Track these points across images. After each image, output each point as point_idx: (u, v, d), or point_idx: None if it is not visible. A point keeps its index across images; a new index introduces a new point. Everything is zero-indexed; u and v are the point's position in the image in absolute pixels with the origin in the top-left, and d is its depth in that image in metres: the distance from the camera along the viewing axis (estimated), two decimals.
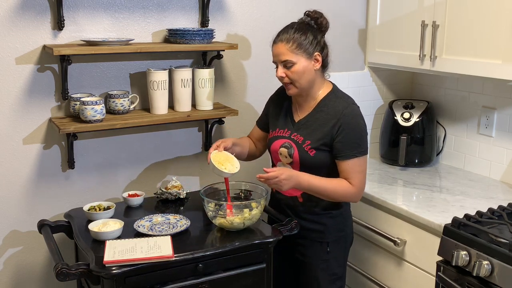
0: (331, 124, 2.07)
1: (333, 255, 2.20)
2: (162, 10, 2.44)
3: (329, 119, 2.08)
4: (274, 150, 2.20)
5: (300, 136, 2.13)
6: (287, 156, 2.15)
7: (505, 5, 2.19)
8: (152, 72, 2.35)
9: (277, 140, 2.19)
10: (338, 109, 2.09)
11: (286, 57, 2.05)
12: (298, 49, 2.05)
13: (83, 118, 2.19)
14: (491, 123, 2.67)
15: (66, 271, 1.77)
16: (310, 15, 2.13)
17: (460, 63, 2.39)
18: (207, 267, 1.93)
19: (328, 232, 2.18)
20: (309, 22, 2.12)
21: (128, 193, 2.35)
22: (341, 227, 2.21)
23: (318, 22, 2.12)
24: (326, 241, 2.18)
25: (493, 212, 2.17)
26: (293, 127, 2.17)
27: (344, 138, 2.05)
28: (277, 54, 2.08)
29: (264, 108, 2.36)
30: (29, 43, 2.21)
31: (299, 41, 2.05)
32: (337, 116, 2.07)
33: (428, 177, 2.74)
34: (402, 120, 2.86)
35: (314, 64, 2.08)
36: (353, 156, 2.06)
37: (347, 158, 2.06)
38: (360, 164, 2.08)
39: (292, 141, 2.14)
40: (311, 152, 2.09)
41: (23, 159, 2.30)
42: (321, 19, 2.13)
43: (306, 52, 2.05)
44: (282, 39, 2.07)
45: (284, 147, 2.16)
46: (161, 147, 2.58)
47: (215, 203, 2.10)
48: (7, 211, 2.31)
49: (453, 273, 2.02)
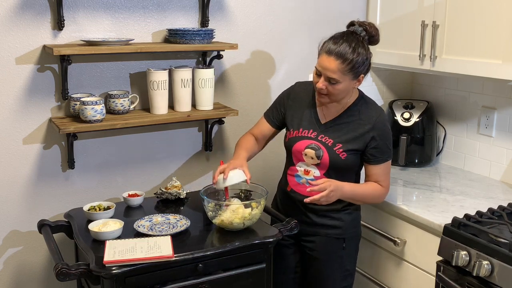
0: (365, 130, 2.09)
1: (348, 252, 2.22)
2: (162, 10, 2.44)
3: (362, 124, 2.10)
4: (298, 150, 2.16)
5: (329, 139, 2.12)
6: (314, 158, 2.13)
7: (505, 5, 2.19)
8: (152, 72, 2.35)
9: (301, 140, 2.16)
10: (372, 115, 2.11)
11: (334, 75, 1.99)
12: (349, 72, 2.00)
13: (83, 118, 2.19)
14: (491, 123, 2.67)
15: (66, 271, 1.77)
16: (367, 30, 2.05)
17: (460, 63, 2.39)
18: (207, 267, 1.94)
19: (346, 229, 2.20)
20: (364, 37, 2.04)
21: (128, 193, 2.35)
22: (356, 223, 2.25)
23: (373, 39, 2.07)
24: (343, 237, 2.20)
25: (493, 212, 2.17)
26: (319, 129, 2.15)
27: (379, 145, 2.10)
28: (326, 68, 2.00)
29: (277, 105, 2.29)
30: (29, 43, 2.21)
31: (353, 64, 1.98)
32: (371, 122, 2.09)
33: (428, 177, 2.74)
34: (402, 120, 2.87)
35: (355, 84, 2.07)
36: (385, 160, 2.13)
37: (379, 163, 2.12)
38: (388, 167, 2.17)
39: (320, 143, 2.13)
40: (343, 155, 2.10)
41: (23, 159, 2.30)
42: (377, 37, 2.08)
43: (354, 74, 2.02)
44: (338, 55, 1.97)
45: (311, 149, 2.13)
46: (161, 147, 2.58)
47: (215, 203, 2.10)
48: (7, 211, 2.31)
49: (453, 273, 2.02)
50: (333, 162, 2.11)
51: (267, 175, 2.81)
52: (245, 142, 2.28)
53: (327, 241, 2.20)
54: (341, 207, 2.18)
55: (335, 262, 2.21)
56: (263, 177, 2.78)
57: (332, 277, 2.22)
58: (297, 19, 2.76)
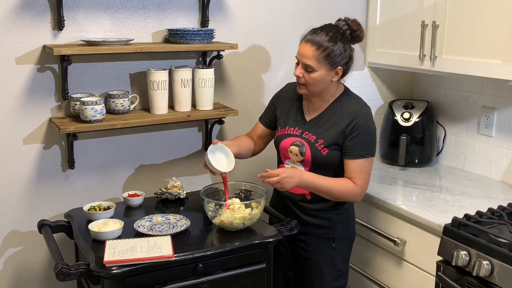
0: (345, 124, 2.09)
1: (338, 251, 2.22)
2: (162, 10, 2.44)
3: (343, 119, 2.10)
4: (284, 147, 2.19)
5: (312, 135, 2.14)
6: (298, 154, 2.15)
7: (505, 5, 2.19)
8: (152, 72, 2.35)
9: (287, 138, 2.19)
10: (353, 109, 2.11)
11: (309, 61, 2.03)
12: (324, 59, 2.03)
13: (83, 118, 2.19)
14: (491, 123, 2.67)
15: (66, 271, 1.77)
16: (349, 24, 2.08)
17: (460, 63, 2.39)
18: (207, 267, 1.94)
19: (335, 228, 2.20)
20: (345, 31, 2.07)
21: (128, 193, 2.35)
22: (346, 223, 2.24)
23: (354, 34, 2.09)
24: (332, 237, 2.20)
25: (493, 212, 2.17)
26: (304, 126, 2.17)
27: (355, 138, 2.08)
28: (302, 54, 2.06)
29: (269, 106, 2.35)
30: (29, 43, 2.21)
31: (328, 51, 2.02)
32: (351, 116, 2.09)
33: (428, 177, 2.74)
34: (402, 120, 2.87)
35: (333, 76, 2.08)
36: (362, 156, 2.09)
37: (355, 157, 2.09)
38: (366, 165, 2.11)
39: (304, 140, 2.14)
40: (324, 151, 2.11)
41: (23, 159, 2.30)
42: (359, 32, 2.09)
43: (331, 63, 2.04)
44: (314, 42, 2.03)
45: (295, 145, 2.16)
46: (161, 147, 2.58)
47: (215, 203, 2.10)
48: (7, 211, 2.31)
49: (453, 273, 2.02)
50: (314, 158, 2.12)
51: None
52: (237, 138, 2.35)
53: (317, 241, 2.21)
54: (329, 206, 2.18)
55: (326, 262, 2.21)
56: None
57: (324, 276, 2.22)
58: (297, 19, 2.76)
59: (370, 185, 2.59)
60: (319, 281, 2.22)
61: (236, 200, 2.15)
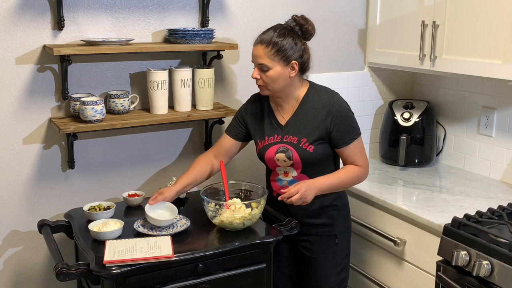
0: (322, 117, 2.10)
1: (341, 246, 2.24)
2: (162, 10, 2.44)
3: (318, 112, 2.11)
4: (270, 158, 2.19)
5: (293, 137, 2.14)
6: (286, 160, 2.15)
7: (505, 5, 2.19)
8: (152, 72, 2.35)
9: (269, 148, 2.18)
10: (325, 101, 2.12)
11: (262, 60, 2.05)
12: (275, 55, 2.04)
13: (83, 118, 2.19)
14: (491, 123, 2.67)
15: (66, 271, 1.77)
16: (296, 20, 2.11)
17: (460, 63, 2.39)
18: (207, 267, 1.94)
19: (336, 224, 2.22)
20: (294, 27, 2.10)
21: (128, 193, 2.35)
22: (345, 217, 2.27)
23: (303, 29, 2.10)
24: (335, 233, 2.21)
25: (493, 212, 2.17)
26: (282, 131, 2.17)
27: (340, 127, 2.10)
28: (254, 55, 2.09)
29: (236, 119, 2.30)
30: (29, 43, 2.21)
31: (278, 47, 2.04)
32: (326, 108, 2.10)
33: (428, 177, 2.74)
34: (402, 120, 2.87)
35: (290, 72, 2.08)
36: (352, 139, 2.13)
37: (348, 143, 2.12)
38: (359, 145, 2.16)
39: (287, 144, 2.14)
40: (310, 148, 2.11)
41: (23, 159, 2.30)
42: (307, 26, 2.10)
43: (283, 59, 2.05)
44: (262, 41, 2.06)
45: (280, 152, 2.15)
46: (161, 147, 2.58)
47: (215, 203, 2.10)
48: (7, 211, 2.31)
49: (453, 273, 2.02)
50: (303, 158, 2.12)
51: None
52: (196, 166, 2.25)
53: (320, 240, 2.22)
54: (328, 204, 2.19)
55: (329, 259, 2.23)
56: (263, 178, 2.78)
57: (327, 273, 2.23)
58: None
59: (370, 185, 2.61)
60: (323, 279, 2.23)
61: (236, 200, 2.15)
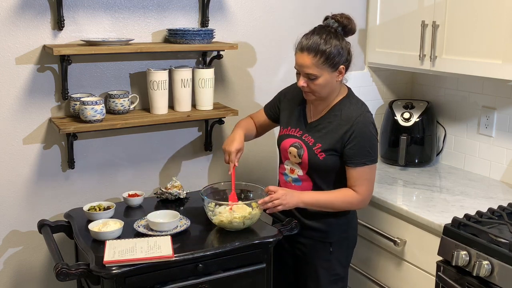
0: (344, 130, 2.06)
1: (336, 256, 2.20)
2: (162, 10, 2.44)
3: (342, 124, 2.07)
4: (284, 148, 2.19)
5: (311, 138, 2.12)
6: (296, 156, 2.14)
7: (505, 5, 2.19)
8: (152, 72, 2.35)
9: (288, 138, 2.18)
10: (352, 115, 2.06)
11: (310, 70, 1.99)
12: (324, 64, 1.98)
13: (83, 118, 2.19)
14: (491, 123, 2.67)
15: (66, 271, 1.77)
16: (338, 20, 2.03)
17: (460, 63, 2.39)
18: (207, 267, 1.94)
19: (331, 233, 2.18)
20: (337, 28, 2.03)
21: (128, 193, 2.35)
22: (344, 228, 2.20)
23: (347, 29, 2.04)
24: (329, 241, 2.18)
25: (493, 212, 2.17)
26: (305, 128, 2.16)
27: (355, 146, 2.04)
28: (301, 64, 2.01)
29: (275, 99, 2.33)
30: (29, 43, 2.21)
31: (326, 55, 1.97)
32: (350, 123, 2.05)
33: (428, 177, 2.74)
34: (402, 120, 2.87)
35: (337, 76, 2.04)
36: (363, 164, 2.05)
37: (357, 165, 2.05)
38: (368, 172, 2.08)
39: (303, 142, 2.13)
40: (321, 155, 2.08)
41: (23, 159, 2.30)
42: (350, 26, 2.04)
43: (331, 65, 1.99)
44: (310, 50, 1.98)
45: (294, 147, 2.15)
46: (161, 147, 2.58)
47: (215, 203, 2.10)
48: (7, 211, 2.31)
49: (453, 273, 2.02)
50: (311, 162, 2.10)
51: (266, 175, 2.81)
52: (244, 122, 2.35)
53: (313, 244, 2.20)
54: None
55: (322, 266, 2.19)
56: (263, 178, 2.78)
57: (320, 280, 2.20)
58: (297, 19, 2.76)
59: None
60: (315, 283, 2.21)
61: None
